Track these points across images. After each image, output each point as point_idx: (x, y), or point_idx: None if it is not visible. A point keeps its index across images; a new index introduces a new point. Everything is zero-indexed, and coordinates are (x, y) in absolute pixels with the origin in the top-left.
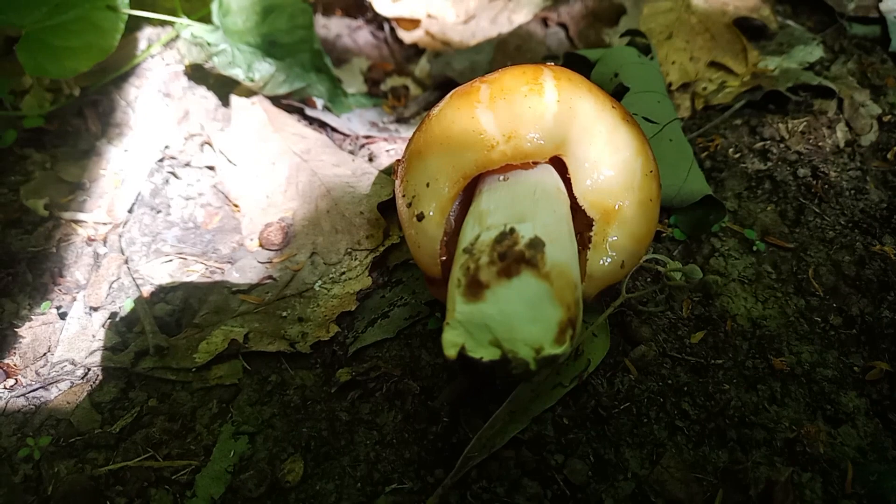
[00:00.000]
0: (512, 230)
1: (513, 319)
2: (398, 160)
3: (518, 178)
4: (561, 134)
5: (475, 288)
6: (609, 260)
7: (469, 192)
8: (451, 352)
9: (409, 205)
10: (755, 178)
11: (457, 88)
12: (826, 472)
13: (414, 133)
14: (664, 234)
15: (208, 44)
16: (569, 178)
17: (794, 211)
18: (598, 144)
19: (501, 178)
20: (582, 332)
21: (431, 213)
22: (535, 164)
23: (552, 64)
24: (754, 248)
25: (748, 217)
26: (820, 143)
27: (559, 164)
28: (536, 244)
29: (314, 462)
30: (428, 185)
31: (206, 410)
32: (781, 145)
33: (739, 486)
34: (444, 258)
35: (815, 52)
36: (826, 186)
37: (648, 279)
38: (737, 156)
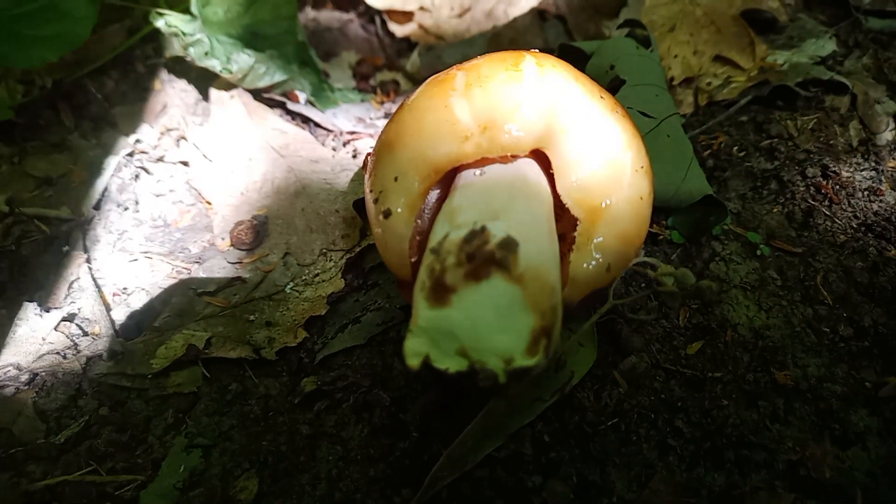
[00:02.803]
0: (483, 228)
1: (481, 327)
2: (369, 153)
3: (495, 173)
4: (542, 125)
5: (441, 292)
6: (594, 263)
7: (447, 188)
8: (413, 361)
9: (376, 200)
10: (761, 178)
11: (433, 76)
12: (833, 499)
13: (386, 124)
14: (661, 237)
15: (183, 34)
16: (552, 174)
17: (802, 213)
18: (583, 137)
19: (477, 172)
20: (562, 342)
21: (399, 210)
22: (515, 157)
23: (537, 50)
24: (758, 253)
25: (752, 219)
26: (831, 142)
27: (542, 159)
28: (509, 244)
29: (271, 479)
30: (396, 179)
31: (161, 420)
32: (790, 143)
33: None
34: (415, 259)
35: (828, 46)
36: (837, 187)
37: (643, 285)
38: (741, 154)
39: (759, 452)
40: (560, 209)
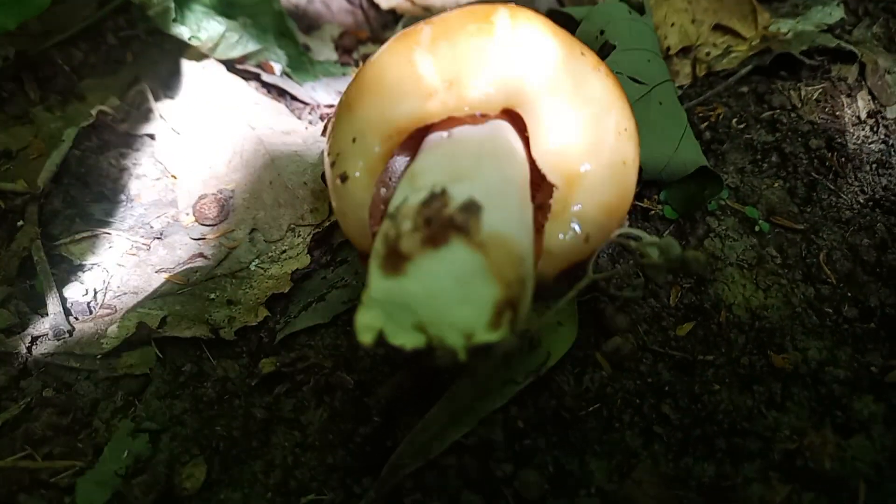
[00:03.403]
0: (443, 191)
1: (439, 298)
2: (329, 116)
3: (463, 134)
4: (515, 82)
5: (395, 260)
6: (570, 233)
7: (415, 153)
8: (365, 337)
9: (333, 164)
10: (761, 151)
11: (399, 32)
12: (833, 492)
13: (348, 85)
14: (653, 212)
15: (152, 1)
16: (528, 137)
17: (804, 187)
18: (560, 96)
19: (445, 133)
20: (536, 319)
21: (357, 174)
22: (486, 118)
23: (513, 4)
24: (756, 229)
25: (751, 194)
26: (837, 113)
27: (517, 121)
28: (470, 207)
29: (221, 467)
30: (354, 140)
31: (109, 403)
32: (792, 115)
33: None
34: (376, 229)
35: (836, 14)
36: (843, 160)
37: (630, 261)
38: (741, 126)
39: (753, 441)
40: (537, 176)
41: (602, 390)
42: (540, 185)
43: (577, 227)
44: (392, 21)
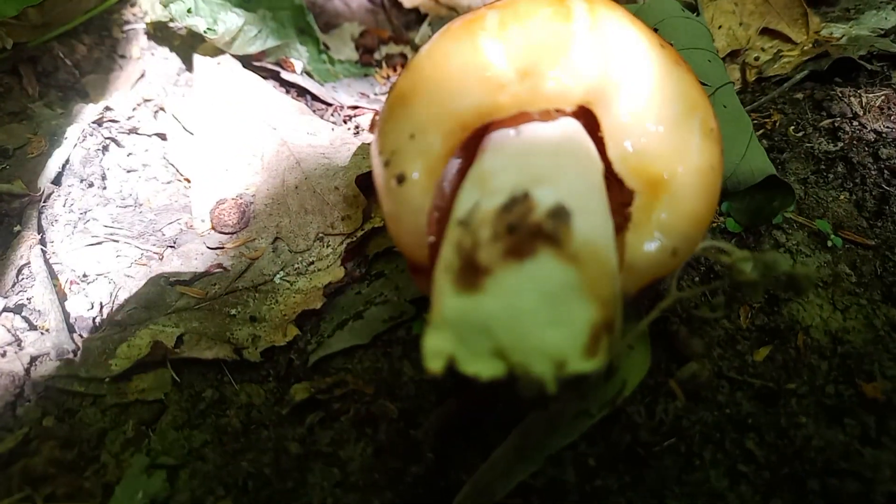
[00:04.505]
0: (525, 195)
1: (524, 319)
2: (376, 112)
3: (535, 132)
4: (593, 73)
5: (472, 274)
6: (656, 244)
7: (471, 154)
8: (435, 364)
9: (387, 164)
10: (824, 161)
11: (456, 18)
12: None
13: (399, 75)
14: (714, 224)
15: None
16: (601, 138)
17: (874, 200)
18: (642, 91)
19: (513, 131)
20: (618, 343)
21: (416, 175)
22: (559, 114)
23: None
24: (829, 244)
25: (816, 207)
26: None
27: (589, 121)
28: (560, 213)
29: None
30: (413, 136)
31: (119, 434)
32: (854, 123)
33: None
34: (433, 239)
35: (891, 18)
36: None
37: (696, 278)
38: (799, 134)
39: (850, 482)
40: (609, 181)
41: (678, 423)
42: (609, 189)
43: (662, 239)
44: (415, 20)
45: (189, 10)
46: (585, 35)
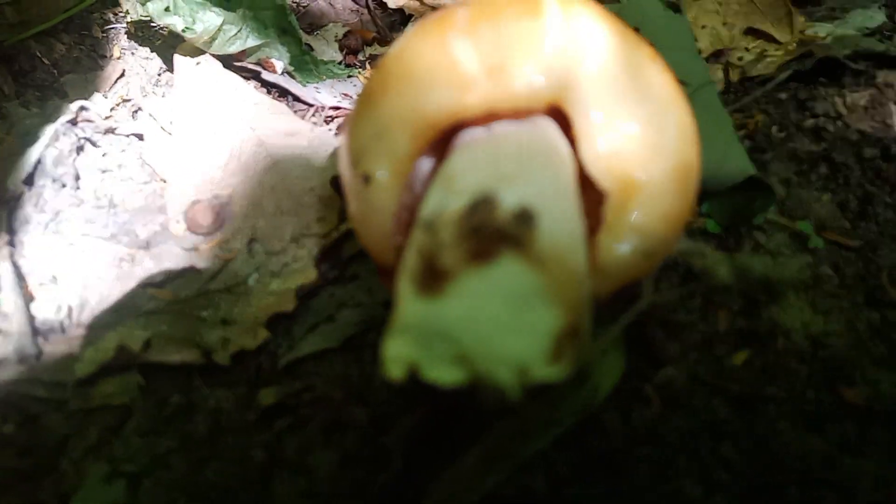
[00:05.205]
0: (490, 196)
1: (487, 324)
2: (347, 114)
3: (504, 132)
4: (565, 72)
5: (434, 278)
6: (629, 246)
7: (444, 154)
8: (395, 370)
9: (354, 164)
10: (807, 161)
11: (428, 15)
12: None
13: (369, 76)
14: (694, 225)
15: None
16: (573, 138)
17: (857, 201)
18: (616, 90)
19: (483, 131)
20: (588, 348)
21: (382, 175)
22: (530, 113)
23: None
24: (810, 245)
25: (798, 207)
26: (887, 121)
27: (561, 120)
28: (525, 215)
29: None
30: (379, 136)
31: (81, 441)
32: (839, 122)
33: None
34: (399, 240)
35: (877, 17)
36: None
37: (674, 280)
38: (782, 135)
39: (830, 491)
40: (583, 181)
41: (654, 430)
42: (585, 192)
43: (636, 241)
44: (399, 21)
45: (167, 9)
46: (557, 33)
